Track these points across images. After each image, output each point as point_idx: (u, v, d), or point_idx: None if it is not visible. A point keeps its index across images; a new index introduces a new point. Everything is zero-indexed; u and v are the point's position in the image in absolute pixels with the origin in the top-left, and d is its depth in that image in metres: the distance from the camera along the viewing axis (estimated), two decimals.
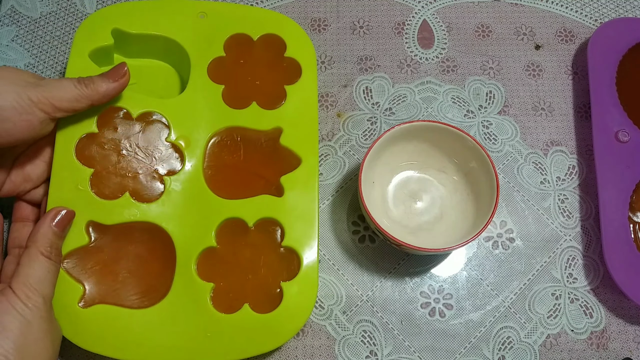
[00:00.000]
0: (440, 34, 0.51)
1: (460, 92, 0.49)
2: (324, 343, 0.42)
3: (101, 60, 0.45)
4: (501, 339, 0.43)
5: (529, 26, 0.52)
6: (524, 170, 0.47)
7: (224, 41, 0.46)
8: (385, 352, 0.42)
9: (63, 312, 0.38)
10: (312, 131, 0.44)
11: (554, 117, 0.49)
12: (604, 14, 0.53)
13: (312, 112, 0.44)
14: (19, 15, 0.52)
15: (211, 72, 0.45)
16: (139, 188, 0.41)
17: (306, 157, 0.43)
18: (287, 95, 0.45)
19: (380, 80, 0.50)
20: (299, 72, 0.45)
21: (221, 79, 0.45)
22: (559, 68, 0.50)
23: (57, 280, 0.37)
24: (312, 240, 0.40)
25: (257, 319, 0.39)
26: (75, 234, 0.40)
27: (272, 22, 0.47)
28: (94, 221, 0.40)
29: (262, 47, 0.46)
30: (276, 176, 0.42)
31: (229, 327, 0.39)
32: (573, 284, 0.44)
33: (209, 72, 0.45)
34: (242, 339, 0.39)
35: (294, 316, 0.39)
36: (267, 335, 0.39)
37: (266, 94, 0.45)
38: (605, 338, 0.43)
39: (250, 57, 0.46)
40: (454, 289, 0.44)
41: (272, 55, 0.46)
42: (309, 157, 0.43)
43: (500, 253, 0.45)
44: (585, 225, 0.46)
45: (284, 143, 0.43)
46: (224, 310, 0.39)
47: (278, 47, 0.46)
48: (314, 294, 0.40)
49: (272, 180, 0.43)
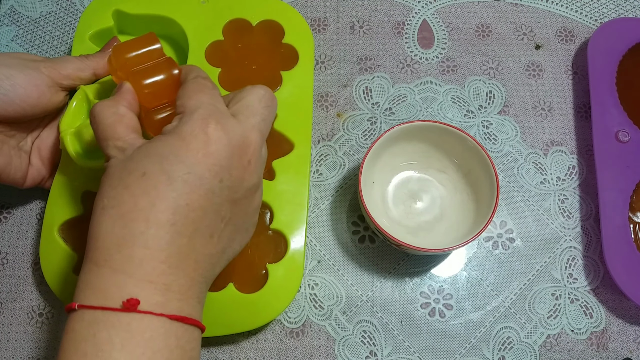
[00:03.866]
0: (440, 34, 0.51)
1: (460, 92, 0.49)
2: (324, 343, 0.42)
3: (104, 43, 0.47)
4: (501, 339, 0.43)
5: (529, 26, 0.52)
6: (524, 170, 0.47)
7: (223, 25, 0.47)
8: (385, 353, 0.42)
9: (59, 279, 0.40)
10: (306, 117, 0.44)
11: (554, 117, 0.49)
12: (604, 13, 0.52)
13: (307, 98, 0.45)
14: (19, 15, 0.52)
15: (209, 55, 0.46)
16: None
17: (299, 143, 0.43)
18: (282, 81, 0.45)
19: (380, 80, 0.50)
20: (295, 59, 0.46)
21: (218, 62, 0.46)
22: (559, 68, 0.50)
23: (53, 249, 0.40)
24: (301, 225, 0.41)
25: (241, 298, 0.40)
26: (71, 204, 0.41)
27: (272, 8, 0.48)
28: (90, 191, 0.42)
29: (261, 33, 0.47)
30: (268, 160, 0.43)
31: (212, 304, 0.39)
32: (573, 284, 0.44)
33: (207, 55, 0.46)
34: (224, 317, 0.40)
35: (278, 298, 0.40)
36: (249, 315, 0.40)
37: (262, 79, 0.46)
38: (605, 338, 0.43)
39: (248, 42, 0.47)
40: (454, 289, 0.44)
41: (270, 41, 0.47)
42: (301, 142, 0.43)
43: (500, 253, 0.45)
44: (585, 226, 0.46)
45: (277, 128, 0.44)
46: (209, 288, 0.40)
47: (276, 33, 0.47)
48: (299, 277, 0.40)
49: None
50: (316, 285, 0.44)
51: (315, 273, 0.44)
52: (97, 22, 0.46)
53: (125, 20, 0.47)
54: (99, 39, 0.47)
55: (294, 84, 0.45)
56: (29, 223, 0.45)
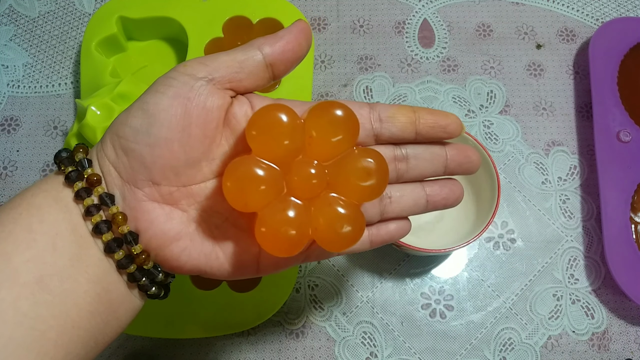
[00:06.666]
0: (441, 33, 0.51)
1: (461, 91, 0.49)
2: (324, 344, 0.42)
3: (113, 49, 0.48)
4: (502, 340, 0.42)
5: (530, 25, 0.52)
6: (525, 170, 0.47)
7: (223, 22, 0.47)
8: (385, 354, 0.42)
9: None
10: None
11: (555, 116, 0.49)
12: (605, 13, 0.52)
13: (306, 97, 0.45)
14: (17, 14, 0.51)
15: (208, 52, 0.46)
16: None
17: None
18: (281, 80, 0.46)
19: (380, 80, 0.49)
20: None
21: None
22: (560, 67, 0.50)
23: None
24: None
25: (234, 297, 0.40)
26: None
27: (272, 6, 0.47)
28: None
29: (261, 31, 0.47)
30: None
31: (207, 305, 0.40)
32: (574, 285, 0.44)
33: (206, 52, 0.46)
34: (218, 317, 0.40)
35: (273, 297, 0.40)
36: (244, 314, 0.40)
37: None
38: (606, 339, 0.43)
39: (248, 40, 0.47)
40: (454, 290, 0.44)
41: None
42: None
43: (502, 254, 0.45)
44: (586, 226, 0.45)
45: None
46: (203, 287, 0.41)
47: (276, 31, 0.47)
48: (293, 275, 0.41)
49: None
50: (316, 286, 0.43)
51: (315, 274, 0.44)
52: (102, 30, 0.46)
53: (129, 25, 0.48)
54: (104, 46, 0.47)
55: (293, 83, 0.46)
56: None
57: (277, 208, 0.23)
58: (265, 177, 0.23)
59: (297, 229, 0.23)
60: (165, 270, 0.26)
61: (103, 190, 0.24)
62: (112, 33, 0.46)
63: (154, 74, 0.48)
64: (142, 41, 0.49)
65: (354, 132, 0.25)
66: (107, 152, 0.25)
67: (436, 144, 0.28)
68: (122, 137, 0.24)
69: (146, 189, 0.24)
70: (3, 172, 0.47)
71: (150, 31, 0.49)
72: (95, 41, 0.46)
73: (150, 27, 0.48)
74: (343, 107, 0.24)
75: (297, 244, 0.23)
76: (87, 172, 0.24)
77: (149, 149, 0.24)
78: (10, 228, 0.23)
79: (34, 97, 0.49)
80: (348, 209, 0.24)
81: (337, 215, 0.24)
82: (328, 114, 0.24)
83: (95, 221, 0.24)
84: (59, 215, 0.24)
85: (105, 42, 0.47)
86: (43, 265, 0.22)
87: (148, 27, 0.48)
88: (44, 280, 0.22)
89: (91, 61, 0.46)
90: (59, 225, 0.23)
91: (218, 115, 0.25)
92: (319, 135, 0.24)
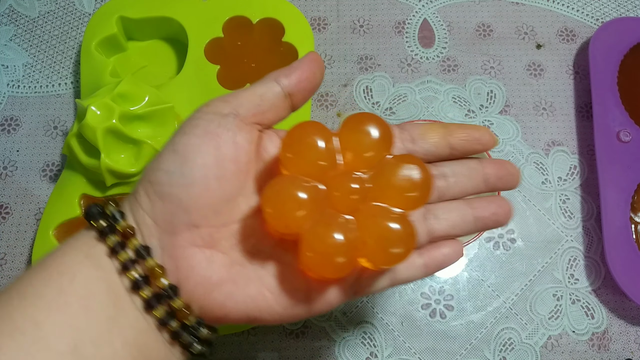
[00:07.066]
0: (441, 33, 0.51)
1: (461, 91, 0.49)
2: (324, 344, 0.42)
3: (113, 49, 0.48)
4: (502, 340, 0.42)
5: (530, 25, 0.52)
6: (525, 170, 0.47)
7: (223, 22, 0.47)
8: (385, 354, 0.42)
9: None
10: (305, 117, 0.44)
11: (555, 116, 0.49)
12: (606, 13, 0.52)
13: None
14: (17, 14, 0.51)
15: (208, 52, 0.46)
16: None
17: None
18: None
19: (380, 80, 0.49)
20: (295, 58, 0.46)
21: (217, 60, 0.46)
22: (560, 67, 0.50)
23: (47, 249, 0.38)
24: None
25: None
26: (69, 207, 0.42)
27: (273, 6, 0.47)
28: (87, 194, 0.42)
29: (261, 31, 0.47)
30: None
31: None
32: (574, 285, 0.44)
33: (206, 51, 0.46)
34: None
35: None
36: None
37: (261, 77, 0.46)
38: (606, 339, 0.43)
39: (248, 40, 0.47)
40: (454, 290, 0.44)
41: (270, 39, 0.47)
42: None
43: (502, 254, 0.45)
44: (586, 226, 0.45)
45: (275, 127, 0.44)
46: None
47: (276, 32, 0.47)
48: None
49: None
50: None
51: None
52: (102, 30, 0.46)
53: (129, 25, 0.48)
54: (104, 46, 0.47)
55: None
56: (27, 224, 0.45)
57: (323, 230, 0.23)
58: (308, 200, 0.23)
59: (345, 252, 0.22)
60: (209, 323, 0.24)
61: (138, 243, 0.23)
62: (112, 33, 0.46)
63: (154, 74, 0.48)
64: (142, 41, 0.49)
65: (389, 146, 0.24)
66: (141, 202, 0.24)
67: (471, 159, 0.28)
68: (155, 182, 0.23)
69: (185, 233, 0.23)
70: (3, 172, 0.47)
71: (150, 31, 0.49)
72: (95, 41, 0.46)
73: (150, 27, 0.48)
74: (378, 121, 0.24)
75: (346, 265, 0.23)
76: (120, 225, 0.23)
77: (185, 189, 0.23)
78: (40, 290, 0.21)
79: (34, 97, 0.49)
80: (396, 218, 0.23)
81: (385, 226, 0.23)
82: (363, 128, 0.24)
83: (132, 277, 0.22)
84: (92, 273, 0.22)
85: (105, 42, 0.47)
86: (77, 332, 0.21)
87: (148, 27, 0.48)
88: (78, 350, 0.21)
89: (91, 61, 0.46)
90: (91, 284, 0.22)
91: (249, 149, 0.24)
92: (354, 152, 0.24)
